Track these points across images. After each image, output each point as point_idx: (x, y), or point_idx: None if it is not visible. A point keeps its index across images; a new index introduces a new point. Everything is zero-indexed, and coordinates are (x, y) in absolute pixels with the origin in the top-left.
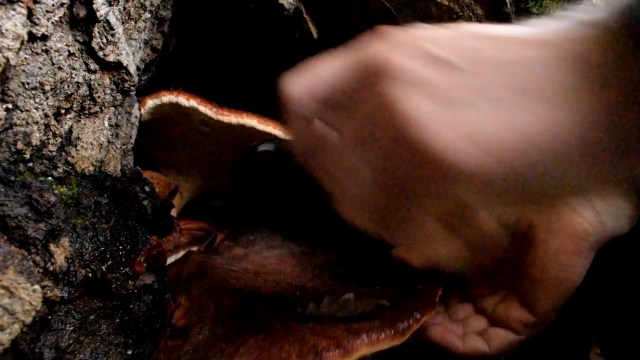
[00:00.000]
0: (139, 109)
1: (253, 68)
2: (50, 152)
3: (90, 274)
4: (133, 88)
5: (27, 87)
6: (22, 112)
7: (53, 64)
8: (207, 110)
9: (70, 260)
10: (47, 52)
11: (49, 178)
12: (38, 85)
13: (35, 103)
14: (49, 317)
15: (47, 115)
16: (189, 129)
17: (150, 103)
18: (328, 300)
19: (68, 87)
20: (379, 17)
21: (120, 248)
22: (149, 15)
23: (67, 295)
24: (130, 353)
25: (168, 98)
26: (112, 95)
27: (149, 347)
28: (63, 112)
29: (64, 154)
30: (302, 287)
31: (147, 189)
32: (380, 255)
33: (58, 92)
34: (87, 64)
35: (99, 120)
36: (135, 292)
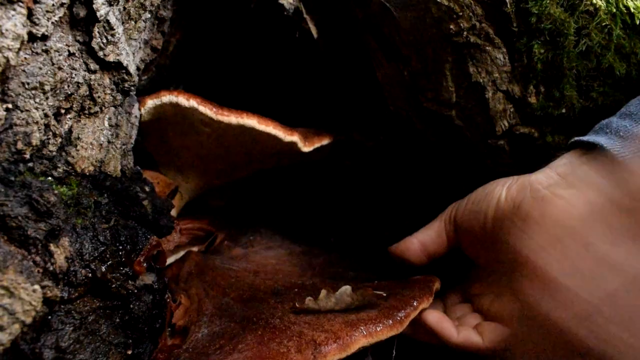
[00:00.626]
0: (139, 109)
1: (253, 68)
2: (50, 152)
3: (90, 274)
4: (133, 88)
5: (27, 87)
6: (22, 112)
7: (53, 64)
8: (207, 110)
9: (70, 260)
10: (47, 52)
11: (49, 178)
12: (38, 85)
13: (35, 103)
14: (49, 317)
15: (47, 115)
16: (189, 129)
17: (150, 103)
18: (325, 294)
19: (68, 87)
20: (379, 17)
21: (120, 248)
22: (149, 15)
23: (67, 295)
24: (130, 353)
25: (168, 98)
26: (112, 95)
27: (149, 347)
28: (63, 112)
29: (64, 154)
30: (301, 285)
31: (147, 189)
32: (380, 255)
33: (58, 92)
34: (87, 64)
35: (99, 120)
36: (135, 292)
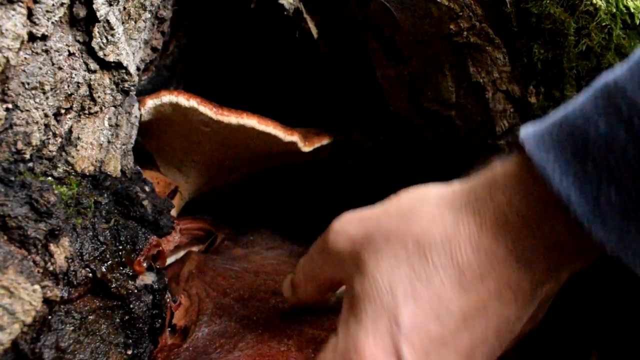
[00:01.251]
0: (139, 109)
1: (253, 68)
2: (50, 152)
3: (90, 274)
4: (133, 88)
5: (27, 87)
6: (22, 112)
7: (53, 64)
8: (207, 110)
9: (70, 260)
10: (47, 52)
11: (49, 178)
12: (38, 85)
13: (35, 103)
14: (49, 317)
15: (47, 115)
16: (189, 129)
17: (150, 103)
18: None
19: (68, 87)
20: (379, 17)
21: (120, 248)
22: (149, 15)
23: (67, 295)
24: (130, 353)
25: (168, 98)
26: (112, 95)
27: (149, 347)
28: (63, 112)
29: (64, 154)
30: None
31: (147, 189)
32: None
33: (58, 92)
34: (87, 64)
35: (99, 120)
36: (135, 292)
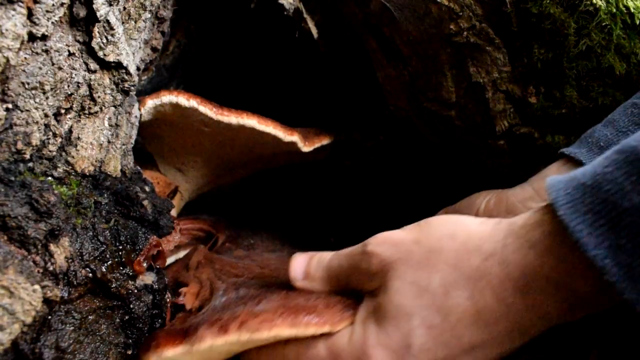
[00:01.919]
0: (139, 109)
1: (253, 68)
2: (50, 152)
3: (90, 274)
4: (133, 88)
5: (27, 87)
6: (22, 112)
7: (53, 64)
8: (207, 110)
9: (70, 260)
10: (47, 52)
11: (49, 178)
12: (38, 85)
13: (35, 103)
14: (49, 317)
15: (47, 115)
16: (189, 129)
17: (150, 103)
18: None
19: (68, 87)
20: (379, 17)
21: (120, 248)
22: (149, 15)
23: (67, 295)
24: (130, 353)
25: (168, 98)
26: (112, 95)
27: None
28: (63, 112)
29: (64, 154)
30: None
31: (147, 189)
32: None
33: (58, 92)
34: (87, 64)
35: (99, 120)
36: (135, 292)
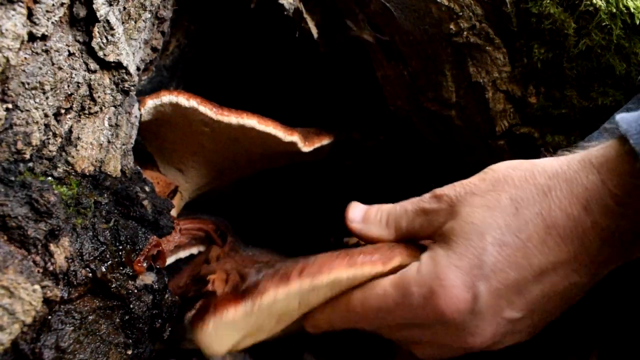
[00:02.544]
0: (139, 109)
1: (253, 68)
2: (50, 152)
3: (90, 274)
4: (133, 88)
5: (27, 87)
6: (22, 112)
7: (53, 64)
8: (207, 110)
9: (70, 260)
10: (47, 52)
11: (49, 178)
12: (38, 85)
13: (35, 103)
14: (49, 317)
15: (47, 115)
16: (189, 129)
17: (150, 103)
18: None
19: (68, 87)
20: (379, 17)
21: (120, 248)
22: (149, 15)
23: (67, 295)
24: (130, 353)
25: (168, 98)
26: (112, 95)
27: (149, 347)
28: (63, 112)
29: (64, 154)
30: None
31: (147, 189)
32: None
33: (58, 92)
34: (87, 64)
35: (99, 120)
36: (135, 292)
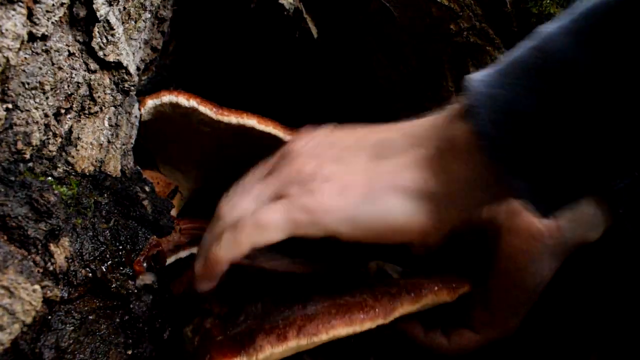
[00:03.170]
0: (139, 109)
1: (253, 68)
2: (50, 152)
3: (90, 274)
4: (133, 88)
5: (27, 87)
6: (22, 112)
7: (53, 64)
8: (207, 110)
9: (70, 260)
10: (47, 52)
11: (49, 178)
12: (38, 85)
13: (35, 103)
14: (49, 317)
15: (47, 115)
16: (189, 129)
17: (150, 103)
18: (375, 264)
19: (68, 87)
20: (379, 17)
21: (120, 248)
22: (149, 15)
23: (67, 295)
24: (130, 353)
25: (168, 98)
26: (112, 95)
27: (149, 347)
28: (63, 112)
29: (64, 154)
30: (325, 274)
31: (147, 189)
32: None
33: (58, 92)
34: (87, 64)
35: (99, 120)
36: (135, 292)
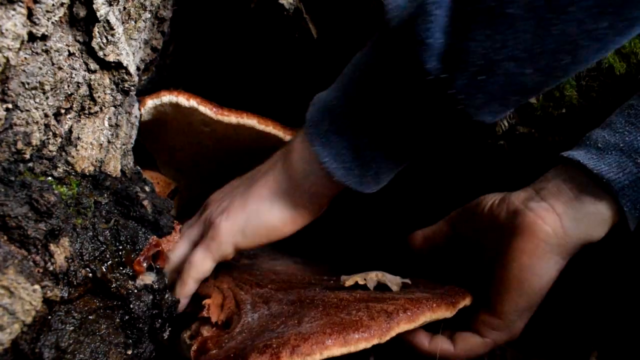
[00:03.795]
0: (139, 109)
1: (253, 68)
2: (50, 152)
3: (90, 274)
4: (133, 88)
5: (27, 87)
6: (22, 112)
7: (53, 64)
8: (207, 110)
9: (70, 260)
10: (47, 52)
11: (49, 178)
12: (38, 85)
13: (35, 103)
14: (49, 317)
15: (47, 115)
16: (189, 129)
17: (150, 103)
18: (374, 275)
19: (68, 87)
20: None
21: (120, 248)
22: (149, 15)
23: (67, 295)
24: (130, 353)
25: (168, 98)
26: (112, 95)
27: (149, 347)
28: (63, 112)
29: (64, 154)
30: (327, 279)
31: (147, 189)
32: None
33: (58, 92)
34: (87, 64)
35: (99, 120)
36: (135, 292)
